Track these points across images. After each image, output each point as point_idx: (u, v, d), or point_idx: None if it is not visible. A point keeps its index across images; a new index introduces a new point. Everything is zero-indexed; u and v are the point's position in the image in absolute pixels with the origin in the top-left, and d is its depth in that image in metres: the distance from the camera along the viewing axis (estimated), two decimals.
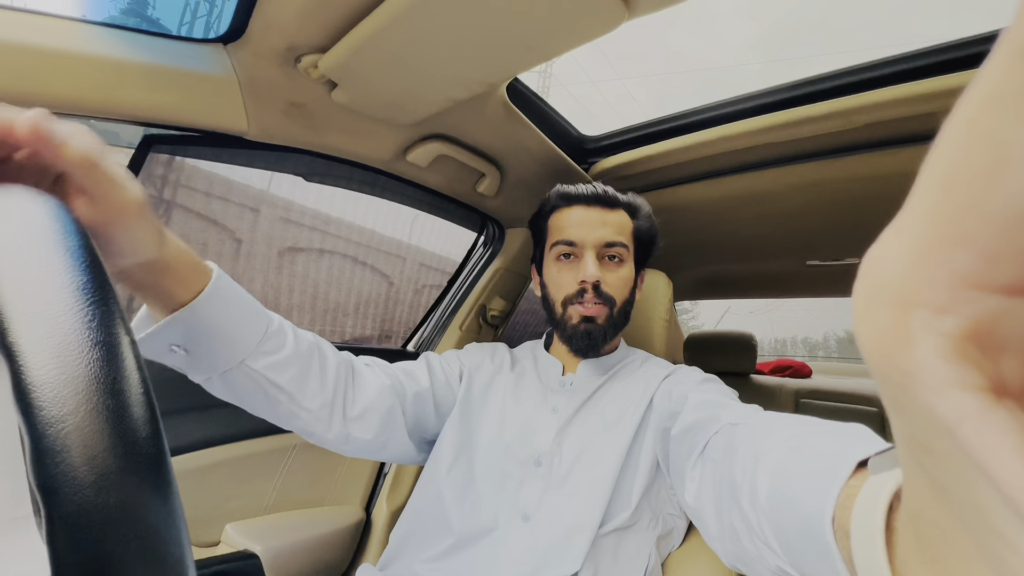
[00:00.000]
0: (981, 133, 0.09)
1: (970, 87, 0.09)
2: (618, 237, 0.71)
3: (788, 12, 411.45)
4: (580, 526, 0.58)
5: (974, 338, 0.09)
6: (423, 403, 0.69)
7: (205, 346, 0.45)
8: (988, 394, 0.09)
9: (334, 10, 0.53)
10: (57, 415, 0.17)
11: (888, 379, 0.11)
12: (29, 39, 0.48)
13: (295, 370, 0.53)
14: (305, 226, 1.07)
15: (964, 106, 0.09)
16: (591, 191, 0.72)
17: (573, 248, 0.70)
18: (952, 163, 0.09)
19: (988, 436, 0.09)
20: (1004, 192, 0.08)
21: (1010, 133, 0.08)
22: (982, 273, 0.09)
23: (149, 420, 0.19)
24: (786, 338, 49.81)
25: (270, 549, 0.74)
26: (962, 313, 0.09)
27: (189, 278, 0.42)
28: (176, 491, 0.19)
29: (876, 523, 0.20)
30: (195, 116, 0.60)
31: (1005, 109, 0.08)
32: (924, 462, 0.11)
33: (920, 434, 0.10)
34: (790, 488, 0.32)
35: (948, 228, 0.09)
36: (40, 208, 0.22)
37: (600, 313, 0.69)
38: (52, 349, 0.18)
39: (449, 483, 0.65)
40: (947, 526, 0.11)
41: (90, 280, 0.20)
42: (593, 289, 0.68)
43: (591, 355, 0.73)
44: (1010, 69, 0.08)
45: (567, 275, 0.71)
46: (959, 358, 0.09)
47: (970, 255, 0.09)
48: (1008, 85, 0.08)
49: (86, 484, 0.16)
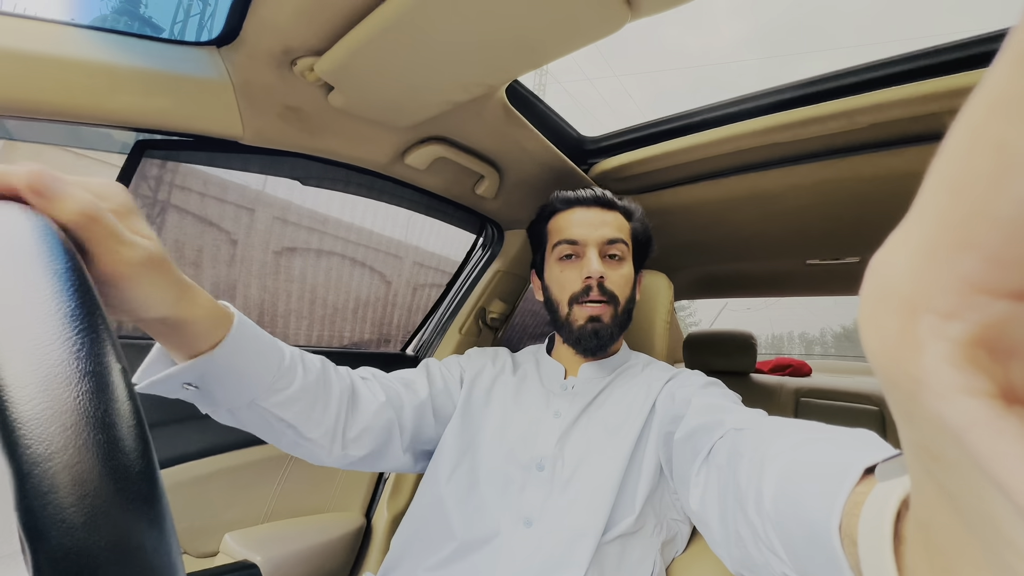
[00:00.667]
0: (987, 137, 0.08)
1: (976, 91, 0.09)
2: (618, 234, 0.73)
3: (784, 10, 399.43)
4: (583, 531, 0.57)
5: (983, 344, 0.09)
6: (421, 414, 0.68)
7: (218, 386, 0.44)
8: (997, 400, 0.09)
9: (331, 12, 0.52)
10: (44, 453, 0.16)
11: (896, 385, 0.10)
12: (20, 44, 0.47)
13: (302, 404, 0.52)
14: (302, 226, 1.06)
15: (970, 110, 0.09)
16: (589, 194, 0.75)
17: (575, 247, 0.72)
18: (958, 168, 0.09)
19: (998, 443, 0.09)
20: (1011, 197, 0.08)
21: (1017, 137, 0.08)
22: (990, 278, 0.09)
23: (142, 454, 0.18)
24: (783, 334, 50.06)
25: (270, 559, 0.73)
26: (970, 318, 0.09)
27: (208, 331, 0.40)
28: (172, 526, 0.18)
29: (884, 531, 0.19)
30: (189, 121, 0.59)
31: (1011, 113, 0.08)
32: (933, 469, 0.11)
33: (928, 441, 0.10)
34: (796, 495, 0.31)
35: (955, 233, 0.09)
36: (26, 227, 0.21)
37: (605, 312, 0.70)
38: (39, 382, 0.17)
39: (450, 488, 0.64)
40: (956, 534, 0.11)
41: (79, 306, 0.19)
42: (598, 286, 0.69)
43: (599, 355, 0.73)
44: (1016, 73, 0.08)
45: (571, 274, 0.72)
46: (968, 364, 0.09)
47: (977, 260, 0.09)
48: (1014, 89, 0.08)
49: (76, 526, 0.16)
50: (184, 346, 0.40)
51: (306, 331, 1.08)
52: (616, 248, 0.72)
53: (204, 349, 0.41)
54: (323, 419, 0.55)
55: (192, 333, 0.39)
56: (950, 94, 0.61)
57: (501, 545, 0.59)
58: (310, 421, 0.54)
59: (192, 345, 0.40)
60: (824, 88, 0.71)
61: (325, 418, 0.56)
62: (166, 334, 0.39)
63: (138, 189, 0.78)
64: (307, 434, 0.54)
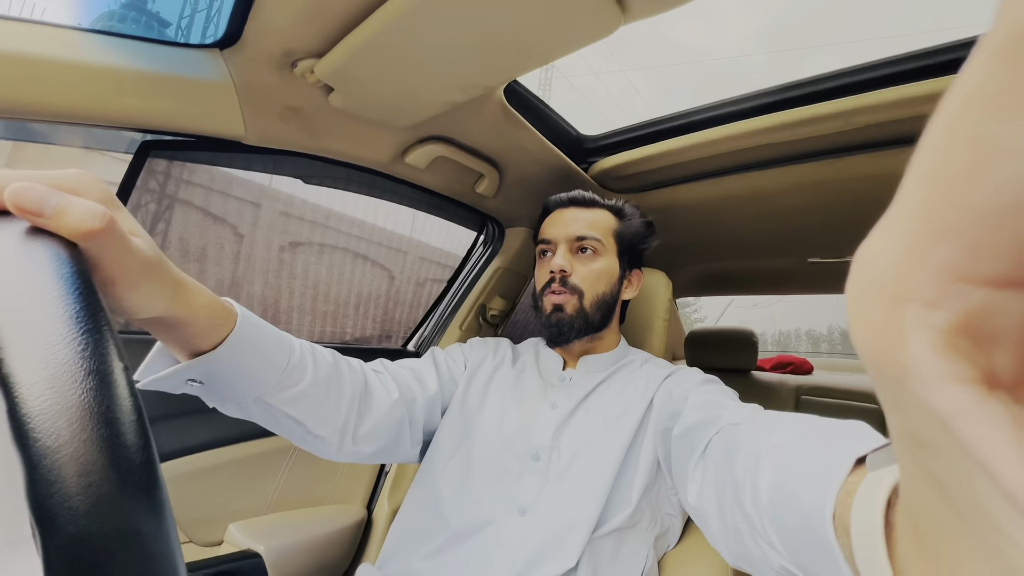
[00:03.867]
0: (963, 130, 0.09)
1: (952, 86, 0.09)
2: (590, 231, 0.75)
3: (792, 6, 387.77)
4: (577, 522, 0.58)
5: (965, 331, 0.09)
6: (431, 408, 0.70)
7: (224, 383, 0.43)
8: (981, 386, 0.09)
9: (330, 15, 0.53)
10: (52, 445, 0.17)
11: (883, 374, 0.11)
12: (26, 48, 0.49)
13: (312, 401, 0.52)
14: (306, 220, 1.07)
15: (947, 105, 0.09)
16: (567, 196, 0.79)
17: (548, 245, 0.77)
18: (936, 160, 0.09)
19: (983, 428, 0.09)
20: (986, 186, 0.08)
21: (991, 129, 0.08)
22: (968, 266, 0.09)
23: (143, 447, 0.19)
24: (790, 331, 49.64)
25: (273, 549, 0.75)
26: (951, 307, 0.09)
27: (208, 330, 0.39)
28: (171, 515, 0.19)
29: (875, 519, 0.20)
30: (192, 122, 0.60)
31: (985, 106, 0.08)
32: (920, 456, 0.11)
33: (916, 428, 0.11)
34: (791, 487, 0.32)
35: (934, 223, 0.09)
36: (33, 236, 0.23)
37: (567, 301, 0.73)
38: (46, 380, 0.18)
39: (446, 477, 0.65)
40: (945, 520, 0.11)
41: (83, 308, 0.20)
42: (560, 280, 0.73)
43: (562, 342, 0.75)
44: (989, 68, 0.08)
45: (543, 269, 0.77)
46: (951, 351, 0.09)
47: (956, 249, 0.09)
48: (988, 83, 0.08)
49: (81, 513, 0.17)
50: (184, 345, 0.39)
51: (308, 326, 1.10)
52: (587, 243, 0.75)
53: (206, 348, 0.40)
54: (334, 416, 0.55)
55: (191, 332, 0.38)
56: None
57: (495, 533, 0.60)
58: (320, 418, 0.53)
59: (192, 344, 0.39)
60: (821, 88, 0.71)
61: (336, 416, 0.55)
62: (164, 333, 0.38)
63: (147, 184, 0.80)
64: (316, 431, 0.53)
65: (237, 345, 0.41)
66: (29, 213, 0.23)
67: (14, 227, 0.23)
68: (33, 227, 0.23)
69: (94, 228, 0.25)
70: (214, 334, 0.40)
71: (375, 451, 0.62)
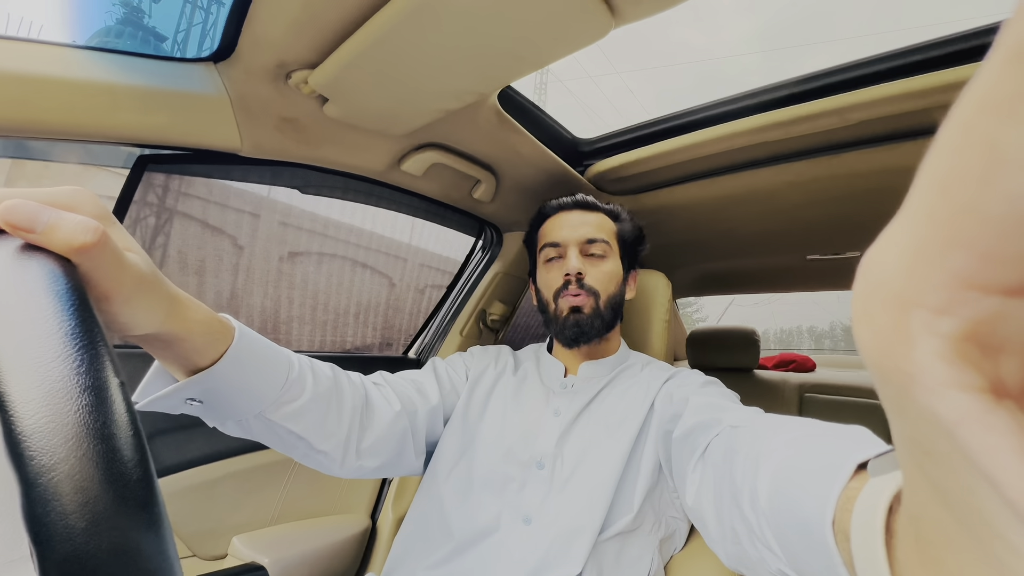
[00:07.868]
0: (978, 135, 0.08)
1: (967, 89, 0.09)
2: (598, 234, 0.76)
3: (787, 5, 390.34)
4: (581, 528, 0.58)
5: (973, 339, 0.09)
6: (433, 420, 0.70)
7: (223, 400, 0.43)
8: (988, 395, 0.09)
9: (323, 26, 0.53)
10: (48, 464, 0.17)
11: (888, 380, 0.10)
12: (23, 67, 0.49)
13: (312, 416, 0.51)
14: (304, 229, 1.07)
15: (961, 108, 0.09)
16: (571, 199, 0.79)
17: (558, 248, 0.76)
18: (949, 165, 0.09)
19: (988, 437, 0.09)
20: (1001, 194, 0.08)
21: (1006, 135, 0.08)
22: (980, 274, 0.09)
23: (139, 462, 0.19)
24: (792, 328, 49.53)
25: (277, 561, 0.75)
26: (960, 314, 0.09)
27: (204, 346, 0.39)
28: (169, 530, 0.19)
29: (876, 525, 0.20)
30: (188, 135, 0.61)
31: (1001, 111, 0.08)
32: (924, 464, 0.11)
33: (920, 436, 0.10)
34: (790, 491, 0.32)
35: (945, 230, 0.09)
36: (26, 253, 0.23)
37: (585, 302, 0.72)
38: (42, 397, 0.18)
39: (449, 487, 0.65)
40: (947, 528, 0.11)
41: (78, 324, 0.20)
42: (576, 281, 0.73)
43: (582, 343, 0.74)
44: (1006, 71, 0.08)
45: (555, 273, 0.76)
46: (958, 359, 0.09)
47: (967, 256, 0.09)
48: (1005, 87, 0.08)
49: (78, 530, 0.17)
50: (182, 362, 0.38)
51: (308, 336, 1.10)
52: (597, 247, 0.75)
53: (203, 365, 0.39)
54: (336, 431, 0.54)
55: (187, 348, 0.37)
56: (940, 89, 0.61)
57: (499, 542, 0.60)
58: (322, 433, 0.53)
59: (189, 361, 0.38)
60: (815, 86, 0.71)
61: (338, 430, 0.55)
62: (161, 349, 0.37)
63: (144, 198, 0.80)
64: (318, 446, 0.53)
65: (235, 360, 0.41)
66: (21, 230, 0.23)
67: (8, 245, 0.23)
68: (27, 244, 0.23)
69: (86, 242, 0.25)
70: (211, 350, 0.39)
71: (379, 465, 0.61)
